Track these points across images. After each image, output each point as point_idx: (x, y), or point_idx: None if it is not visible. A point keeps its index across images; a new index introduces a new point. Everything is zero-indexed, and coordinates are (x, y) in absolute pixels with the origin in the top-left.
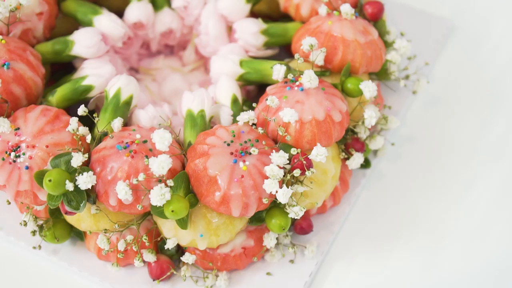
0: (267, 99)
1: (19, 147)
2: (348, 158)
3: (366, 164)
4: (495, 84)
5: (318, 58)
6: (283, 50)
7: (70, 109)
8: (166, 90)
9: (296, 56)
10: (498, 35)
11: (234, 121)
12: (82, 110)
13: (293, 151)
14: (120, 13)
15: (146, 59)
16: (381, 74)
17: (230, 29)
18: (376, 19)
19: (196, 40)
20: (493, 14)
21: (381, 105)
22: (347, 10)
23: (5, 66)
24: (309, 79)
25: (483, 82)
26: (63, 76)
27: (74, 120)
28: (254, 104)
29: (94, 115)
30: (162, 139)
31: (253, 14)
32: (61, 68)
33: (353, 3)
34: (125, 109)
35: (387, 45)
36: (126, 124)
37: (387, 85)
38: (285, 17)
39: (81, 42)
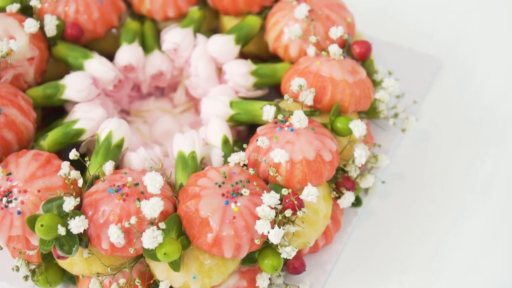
0: (257, 140)
1: (10, 192)
2: (339, 197)
3: (357, 203)
4: (483, 120)
5: (308, 98)
6: (273, 90)
7: (61, 152)
8: (157, 132)
9: (286, 96)
10: (484, 71)
11: (225, 162)
12: (73, 154)
13: (284, 191)
14: (110, 56)
15: (137, 101)
16: (370, 113)
17: (220, 70)
18: (364, 58)
19: (186, 81)
20: (479, 51)
21: (370, 143)
22: (335, 50)
23: None
24: (299, 119)
25: (470, 118)
26: (54, 120)
27: (65, 165)
28: (244, 145)
29: (85, 158)
30: (153, 182)
31: (242, 55)
32: (53, 112)
33: (341, 43)
34: (116, 152)
35: (376, 84)
36: (118, 166)
37: (376, 123)
38: (274, 57)
39: (72, 86)
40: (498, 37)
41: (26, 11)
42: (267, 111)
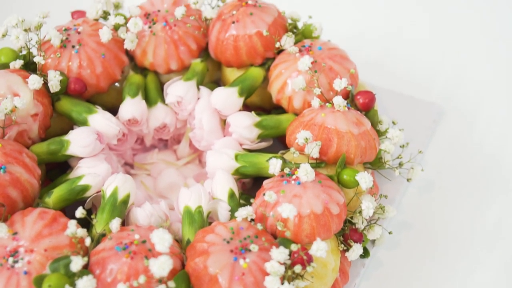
0: (264, 194)
1: (17, 252)
2: (347, 250)
3: (364, 254)
4: (487, 168)
5: (313, 151)
6: (276, 141)
7: (66, 208)
8: (161, 185)
9: (292, 150)
10: (486, 118)
11: (232, 216)
12: (80, 212)
13: (294, 246)
14: (113, 109)
15: (140, 154)
16: (375, 163)
17: (223, 123)
18: (367, 109)
19: (190, 134)
20: (480, 98)
21: (376, 194)
22: (339, 102)
23: (1, 170)
24: (305, 172)
25: (475, 166)
26: (57, 174)
27: (72, 224)
28: (252, 200)
29: (91, 216)
30: (162, 241)
31: (245, 106)
32: (56, 166)
33: (344, 94)
34: (122, 208)
35: (380, 134)
36: (124, 222)
37: (381, 173)
38: (277, 108)
39: (76, 142)
40: (499, 84)
41: (29, 66)
42: (273, 165)
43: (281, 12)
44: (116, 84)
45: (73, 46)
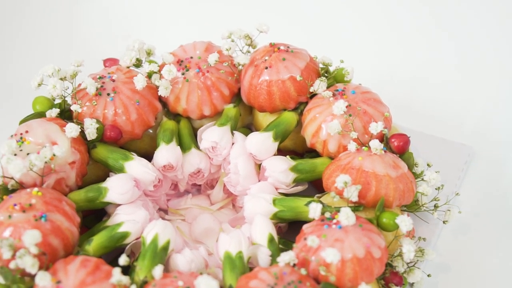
0: (306, 239)
1: None
2: None
3: None
4: None
5: (353, 194)
6: (310, 185)
7: (104, 255)
8: (197, 230)
9: (332, 194)
10: None
11: (273, 260)
12: (123, 260)
13: None
14: (147, 155)
15: (174, 199)
16: (411, 206)
17: (258, 167)
18: (402, 151)
19: (225, 179)
20: (510, 137)
21: (412, 236)
22: (376, 145)
23: (42, 218)
24: (346, 216)
25: (509, 206)
26: (92, 221)
27: (117, 271)
28: (290, 244)
29: (134, 263)
30: (209, 287)
31: (279, 150)
32: (91, 213)
33: (379, 137)
34: (163, 255)
35: (415, 176)
36: (164, 269)
37: (418, 216)
38: (310, 152)
39: (114, 189)
40: None
41: (64, 114)
42: (314, 209)
43: (313, 57)
44: (150, 130)
45: (108, 94)
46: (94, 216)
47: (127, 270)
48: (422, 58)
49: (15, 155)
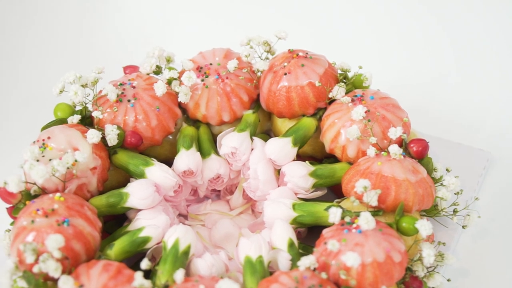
0: (326, 243)
1: None
2: None
3: None
4: None
5: (373, 199)
6: (329, 190)
7: (125, 260)
8: (217, 235)
9: (352, 198)
10: None
11: (293, 265)
12: (145, 264)
13: None
14: (166, 161)
15: (193, 204)
16: (430, 211)
17: (277, 172)
18: (421, 157)
19: (244, 184)
20: None
21: (431, 240)
22: (395, 150)
23: (65, 223)
24: (366, 221)
25: None
26: (112, 227)
27: (139, 275)
28: (309, 249)
29: (156, 267)
30: None
31: (297, 155)
32: (111, 219)
33: (398, 142)
34: (184, 259)
35: (434, 181)
36: (185, 273)
37: (437, 220)
38: (328, 157)
39: (135, 194)
40: None
41: (85, 120)
42: (334, 213)
43: (332, 63)
44: (169, 136)
45: (129, 100)
46: (114, 221)
47: (148, 275)
48: (439, 64)
49: (37, 161)
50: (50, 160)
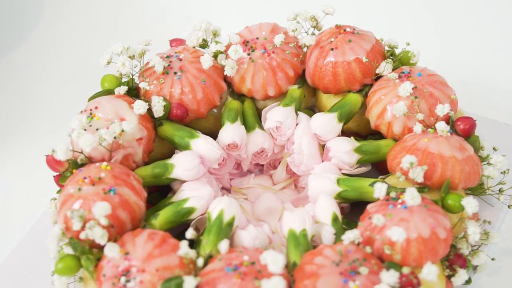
0: (370, 217)
1: (129, 271)
2: (451, 275)
3: (467, 280)
4: None
5: (419, 175)
6: (372, 167)
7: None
8: (260, 209)
9: (398, 174)
10: None
11: (337, 239)
12: (191, 233)
13: (405, 269)
14: (210, 135)
15: (237, 178)
16: (475, 189)
17: (322, 148)
18: (468, 135)
19: (288, 159)
20: None
21: (476, 219)
22: (442, 127)
23: (111, 192)
24: (412, 196)
25: None
26: (156, 198)
27: (184, 244)
28: (353, 224)
29: (200, 237)
30: (275, 261)
31: (342, 132)
32: (155, 190)
33: (445, 120)
34: (228, 231)
35: (481, 160)
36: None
37: (483, 199)
38: (373, 134)
39: (180, 166)
40: None
41: (131, 92)
42: (379, 189)
43: (379, 39)
44: (214, 110)
45: (175, 73)
46: (158, 193)
47: (191, 245)
48: (487, 43)
49: (85, 130)
50: (97, 129)
